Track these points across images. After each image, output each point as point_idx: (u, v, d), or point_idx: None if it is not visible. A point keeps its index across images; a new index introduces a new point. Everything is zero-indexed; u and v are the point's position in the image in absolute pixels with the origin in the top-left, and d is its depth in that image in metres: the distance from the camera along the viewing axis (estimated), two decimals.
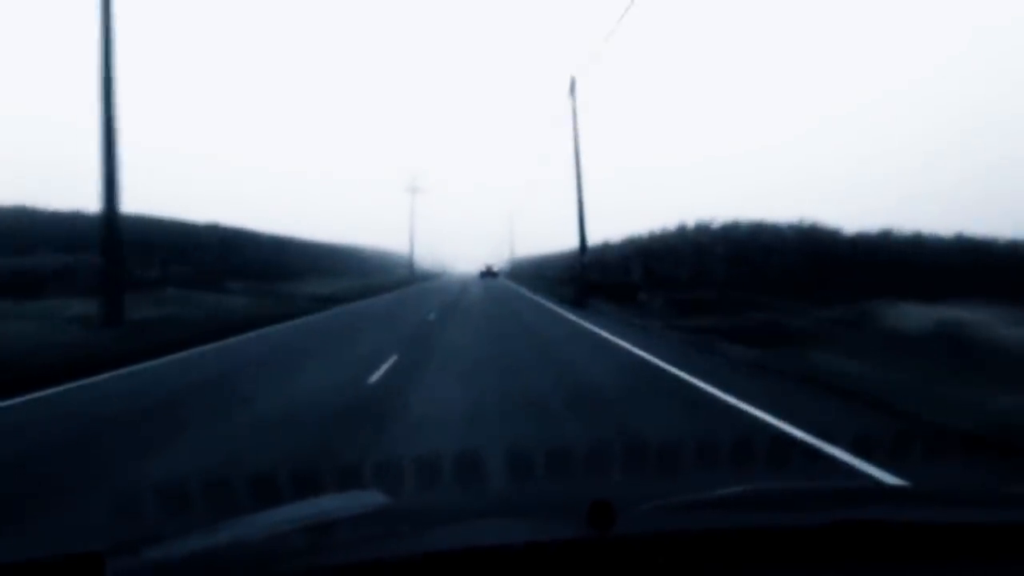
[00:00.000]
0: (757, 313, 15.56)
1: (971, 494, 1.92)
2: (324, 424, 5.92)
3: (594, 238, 51.72)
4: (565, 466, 3.93)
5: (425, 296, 30.51)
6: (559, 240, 69.11)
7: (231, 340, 13.57)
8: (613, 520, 1.21)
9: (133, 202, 22.34)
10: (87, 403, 7.39)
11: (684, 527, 1.36)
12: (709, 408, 6.61)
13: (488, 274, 66.11)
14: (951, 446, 4.89)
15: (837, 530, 1.28)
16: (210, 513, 2.91)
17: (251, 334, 14.83)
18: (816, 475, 4.43)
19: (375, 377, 8.29)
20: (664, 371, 8.91)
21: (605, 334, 13.69)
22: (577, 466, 3.97)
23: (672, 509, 1.52)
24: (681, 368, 8.87)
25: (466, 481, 3.61)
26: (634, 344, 11.80)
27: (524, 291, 35.37)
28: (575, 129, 26.04)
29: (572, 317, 18.36)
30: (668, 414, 6.39)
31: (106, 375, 9.09)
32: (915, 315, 13.41)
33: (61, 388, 8.09)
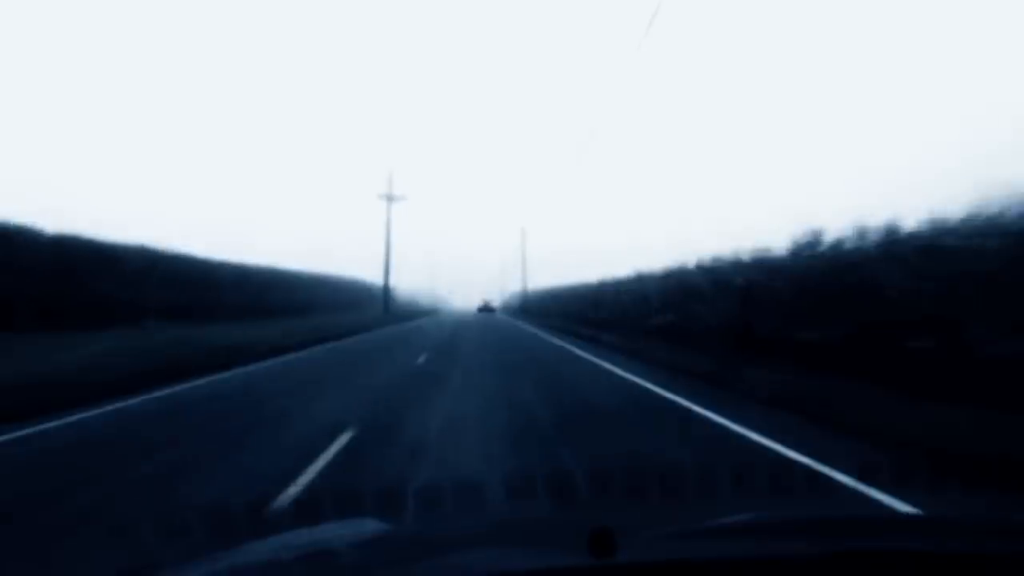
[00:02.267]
0: None
1: (978, 523, 1.86)
2: None
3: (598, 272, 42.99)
4: (566, 493, 4.23)
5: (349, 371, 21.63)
6: (569, 270, 61.31)
7: None
8: (614, 548, 1.23)
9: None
10: None
11: (685, 556, 1.37)
12: None
13: (485, 309, 77.05)
14: None
15: (840, 560, 1.29)
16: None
17: None
18: (819, 503, 4.46)
19: None
20: None
21: None
22: (578, 493, 4.22)
23: (673, 537, 1.55)
24: None
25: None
26: None
27: (573, 350, 20.46)
28: None
29: None
30: None
31: None
32: None
33: None
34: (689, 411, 8.63)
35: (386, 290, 50.51)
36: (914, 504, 4.11)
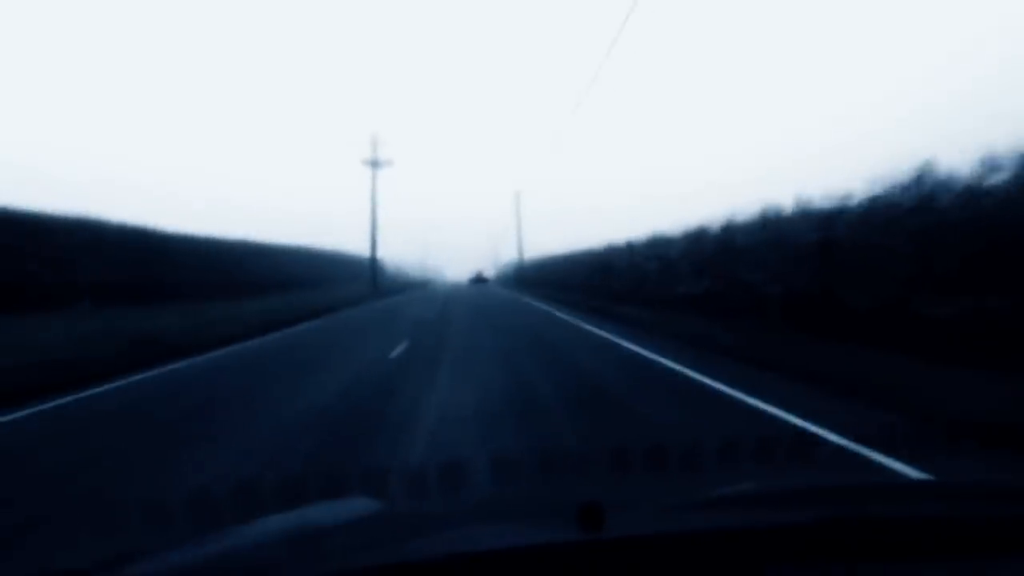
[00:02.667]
0: None
1: (979, 488, 1.77)
2: None
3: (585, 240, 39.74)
4: (556, 468, 4.22)
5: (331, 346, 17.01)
6: (569, 237, 57.37)
7: None
8: (603, 522, 1.23)
9: None
10: None
11: (675, 528, 1.37)
12: None
13: (479, 280, 78.21)
14: None
15: (832, 527, 1.29)
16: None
17: None
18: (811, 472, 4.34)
19: None
20: None
21: None
22: (567, 468, 4.22)
23: (663, 510, 1.55)
24: None
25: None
26: None
27: (588, 328, 16.62)
28: None
29: None
30: None
31: None
32: None
33: None
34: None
35: (373, 262, 46.29)
36: None
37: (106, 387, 9.58)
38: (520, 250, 64.70)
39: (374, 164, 43.10)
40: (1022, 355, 7.07)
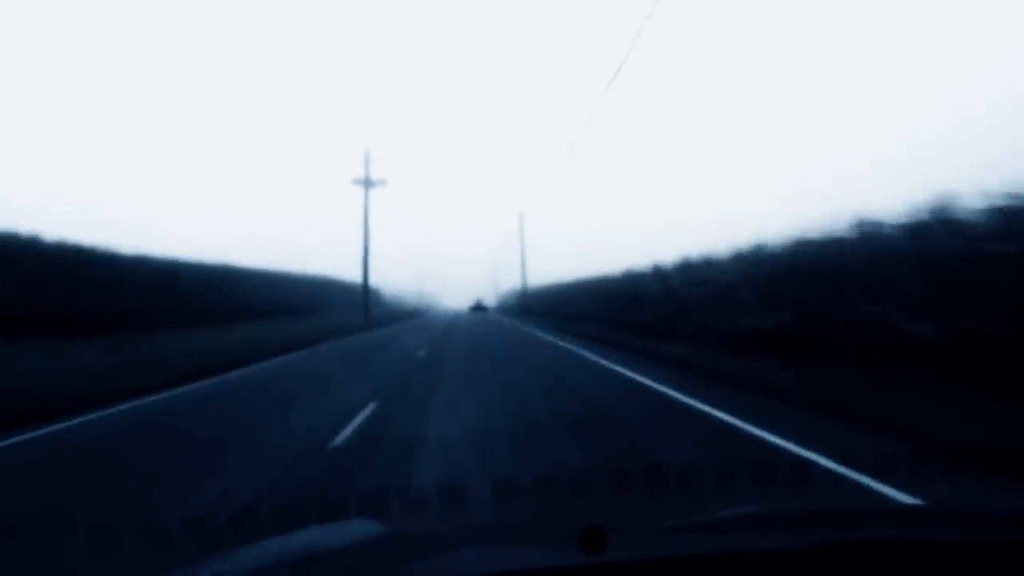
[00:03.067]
0: None
1: (975, 512, 1.78)
2: None
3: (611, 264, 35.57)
4: (557, 491, 4.10)
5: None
6: (572, 265, 53.08)
7: None
8: (604, 545, 1.22)
9: None
10: None
11: (676, 552, 1.36)
12: None
13: (478, 309, 78.60)
14: None
15: (831, 552, 1.28)
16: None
17: None
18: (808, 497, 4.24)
19: None
20: None
21: None
22: (569, 490, 4.11)
23: (664, 533, 1.54)
24: None
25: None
26: None
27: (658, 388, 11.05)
28: None
29: None
30: None
31: None
32: None
33: None
34: None
35: (366, 289, 41.59)
36: None
37: None
38: (524, 276, 60.11)
39: (366, 183, 38.76)
40: None
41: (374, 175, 39.50)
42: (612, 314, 26.08)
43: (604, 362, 15.03)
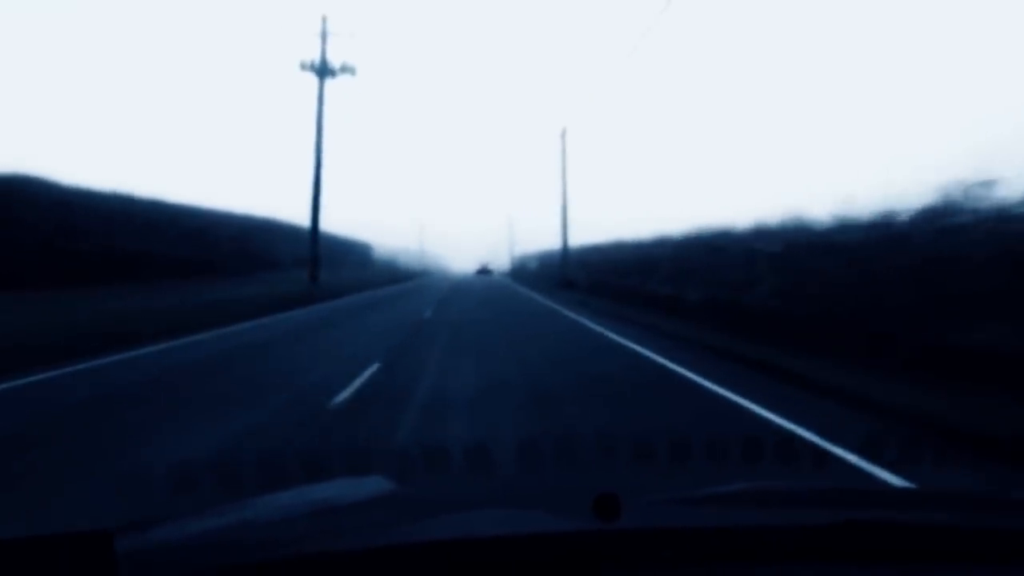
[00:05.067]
0: None
1: (978, 498, 1.90)
2: None
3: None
4: (573, 456, 4.12)
5: None
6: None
7: None
8: (619, 513, 1.24)
9: None
10: None
11: (691, 523, 1.39)
12: None
13: (483, 272, 77.12)
14: None
15: (844, 529, 1.29)
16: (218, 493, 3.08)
17: None
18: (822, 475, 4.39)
19: None
20: None
21: None
22: (585, 456, 4.15)
23: (678, 503, 1.57)
24: None
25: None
26: None
27: None
28: None
29: None
30: None
31: None
32: None
33: None
34: None
35: (314, 235, 28.41)
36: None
37: None
38: (564, 227, 40.08)
39: (321, 71, 26.86)
40: None
41: (336, 58, 27.67)
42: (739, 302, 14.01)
43: None
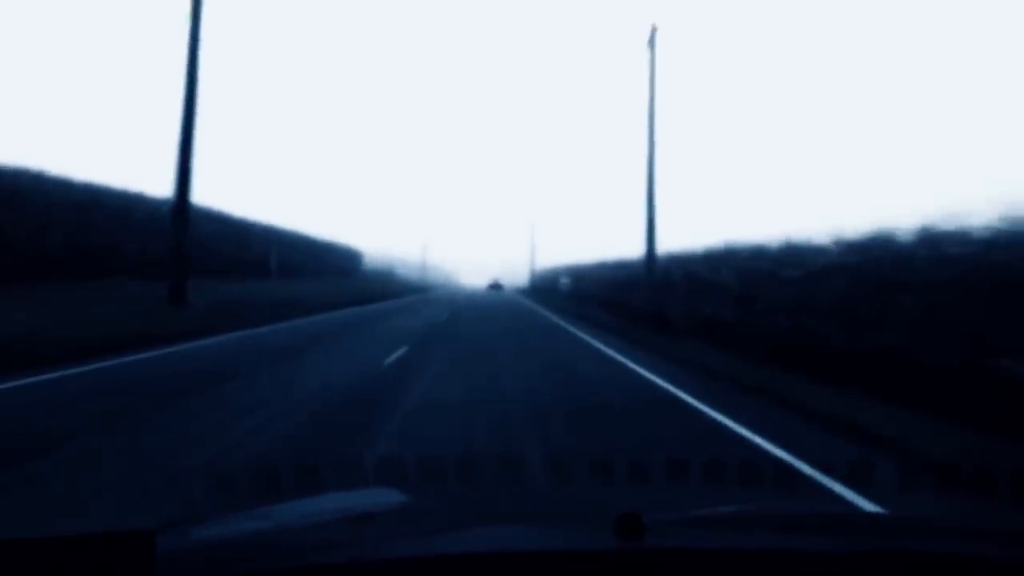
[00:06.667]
0: None
1: (992, 530, 1.84)
2: None
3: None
4: (597, 474, 4.12)
5: None
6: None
7: None
8: (642, 532, 1.24)
9: None
10: None
11: (713, 544, 1.39)
12: None
13: (494, 287, 75.04)
14: None
15: (865, 559, 1.29)
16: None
17: None
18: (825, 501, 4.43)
19: None
20: None
21: None
22: (607, 474, 4.14)
23: (701, 524, 1.57)
24: None
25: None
26: None
27: None
28: None
29: None
30: None
31: None
32: None
33: None
34: None
35: (181, 209, 17.86)
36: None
37: None
38: (651, 218, 22.08)
39: None
40: None
41: None
42: None
43: None
